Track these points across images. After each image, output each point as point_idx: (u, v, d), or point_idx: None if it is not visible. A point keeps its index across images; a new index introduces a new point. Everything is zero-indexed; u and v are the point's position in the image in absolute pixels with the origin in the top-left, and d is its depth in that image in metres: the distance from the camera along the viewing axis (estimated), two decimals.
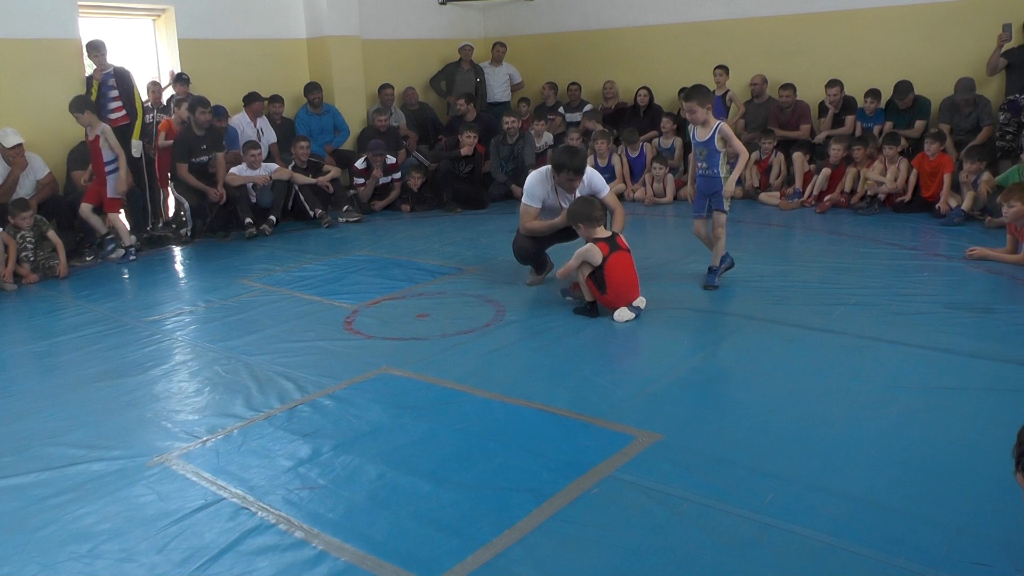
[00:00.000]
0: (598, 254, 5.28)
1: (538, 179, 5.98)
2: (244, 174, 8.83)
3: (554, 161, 5.81)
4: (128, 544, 3.02)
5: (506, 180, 10.12)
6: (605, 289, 5.33)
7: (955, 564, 2.64)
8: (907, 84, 8.98)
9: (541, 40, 12.44)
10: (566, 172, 5.71)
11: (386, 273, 6.93)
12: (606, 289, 5.33)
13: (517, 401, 4.16)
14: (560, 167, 5.73)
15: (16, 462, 3.75)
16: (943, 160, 8.08)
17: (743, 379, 4.39)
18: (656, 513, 3.04)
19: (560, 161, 5.75)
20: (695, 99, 5.69)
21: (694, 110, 5.68)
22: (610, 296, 5.35)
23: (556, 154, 5.88)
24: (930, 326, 4.95)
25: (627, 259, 5.43)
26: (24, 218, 7.14)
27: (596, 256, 5.28)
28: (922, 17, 9.29)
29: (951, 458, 3.36)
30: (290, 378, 4.60)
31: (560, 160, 5.75)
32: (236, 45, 10.04)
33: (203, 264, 7.74)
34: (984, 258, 6.34)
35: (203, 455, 3.74)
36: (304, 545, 2.96)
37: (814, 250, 7.29)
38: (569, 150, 5.90)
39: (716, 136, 5.67)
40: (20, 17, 7.98)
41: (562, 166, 5.72)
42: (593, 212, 5.43)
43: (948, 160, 8.11)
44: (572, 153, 5.80)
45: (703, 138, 5.73)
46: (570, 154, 5.78)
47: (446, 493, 3.27)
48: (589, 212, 5.43)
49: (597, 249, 5.29)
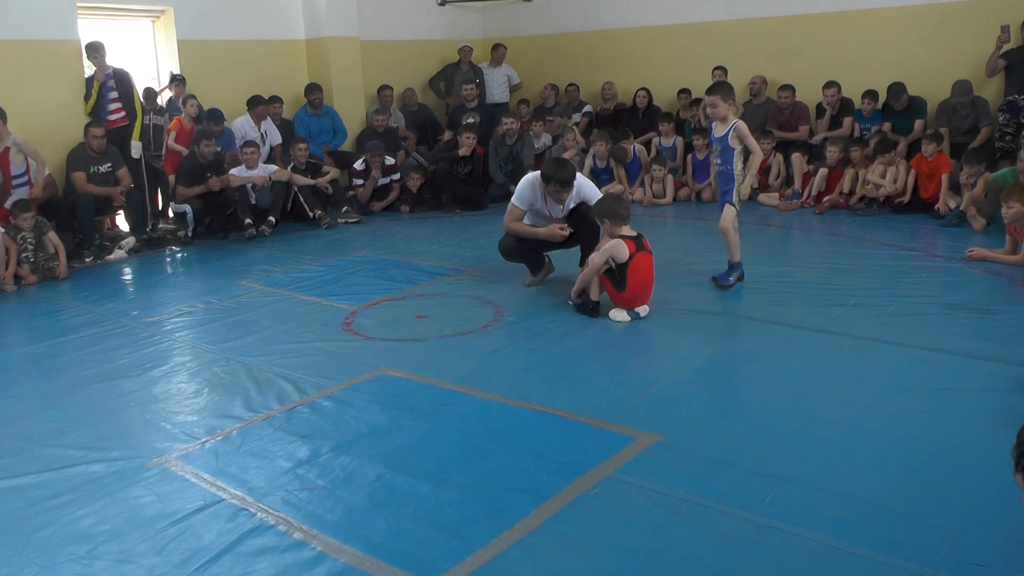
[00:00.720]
0: (625, 251, 5.25)
1: (529, 184, 6.04)
2: (243, 175, 8.82)
3: (543, 172, 5.89)
4: (127, 545, 3.02)
5: (505, 181, 10.11)
6: (624, 287, 5.30)
7: (954, 565, 2.64)
8: (900, 85, 8.98)
9: (540, 41, 12.44)
10: (553, 184, 5.77)
11: (385, 274, 6.93)
12: (625, 288, 5.30)
13: (516, 402, 4.16)
14: (548, 178, 5.80)
15: (15, 463, 3.75)
16: (941, 160, 8.09)
17: (742, 380, 4.39)
18: (655, 514, 3.04)
19: (547, 172, 5.83)
20: (719, 93, 5.68)
21: (716, 104, 5.65)
22: (627, 295, 5.33)
23: (545, 165, 5.98)
24: (929, 327, 4.96)
25: (650, 261, 5.43)
26: (25, 219, 7.13)
27: (623, 252, 5.25)
28: (920, 18, 9.30)
29: (950, 459, 3.37)
30: (289, 379, 4.60)
31: (548, 172, 5.84)
32: (235, 46, 10.04)
33: (202, 265, 7.74)
34: (983, 259, 6.35)
35: (202, 456, 3.74)
36: (303, 546, 2.96)
37: (813, 251, 7.30)
38: (558, 162, 5.97)
39: (731, 133, 5.67)
40: (19, 18, 7.97)
41: (549, 178, 5.80)
42: (620, 209, 5.41)
43: (945, 160, 8.12)
44: (560, 165, 5.87)
45: (719, 134, 5.74)
46: (558, 166, 5.86)
47: (445, 494, 3.27)
48: (616, 209, 5.41)
49: (624, 245, 5.26)
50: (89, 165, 8.07)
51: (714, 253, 6.99)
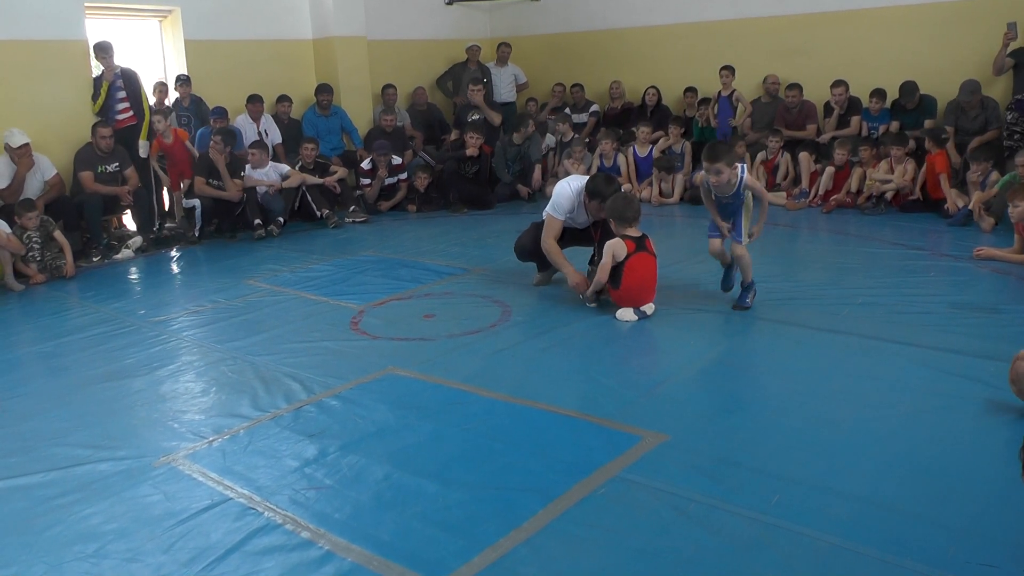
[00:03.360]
0: (623, 249, 5.32)
1: (569, 193, 5.89)
2: (257, 176, 8.80)
3: (590, 189, 5.76)
4: (134, 544, 3.03)
5: (512, 181, 10.12)
6: (618, 285, 5.35)
7: (961, 565, 2.64)
8: (912, 84, 8.95)
9: (547, 40, 12.43)
10: (598, 200, 5.69)
11: (392, 273, 6.93)
12: (619, 285, 5.35)
13: (523, 401, 4.16)
14: (594, 195, 5.71)
15: (23, 462, 3.76)
16: (939, 159, 8.07)
17: (749, 379, 4.39)
18: (662, 514, 3.04)
19: (597, 190, 5.69)
20: (723, 159, 5.15)
21: (722, 171, 5.15)
22: (621, 293, 5.37)
23: (595, 183, 5.77)
24: (937, 326, 4.94)
25: (649, 262, 5.45)
26: (30, 218, 7.15)
27: (621, 251, 5.33)
28: (928, 17, 9.26)
29: (958, 459, 3.36)
30: (296, 378, 4.60)
31: (597, 190, 5.69)
32: (242, 46, 10.06)
33: (210, 264, 7.75)
34: (991, 258, 6.32)
35: (209, 455, 3.74)
36: (311, 545, 2.96)
37: (820, 250, 7.29)
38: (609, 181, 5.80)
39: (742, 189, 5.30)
40: (27, 18, 8.00)
41: (596, 194, 5.70)
42: (627, 212, 5.43)
43: (943, 159, 8.09)
44: (621, 200, 5.54)
45: (727, 192, 5.32)
46: (607, 183, 5.73)
47: (452, 493, 3.27)
48: (623, 211, 5.43)
49: (623, 245, 5.34)
50: (97, 165, 8.10)
51: None
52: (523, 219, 6.16)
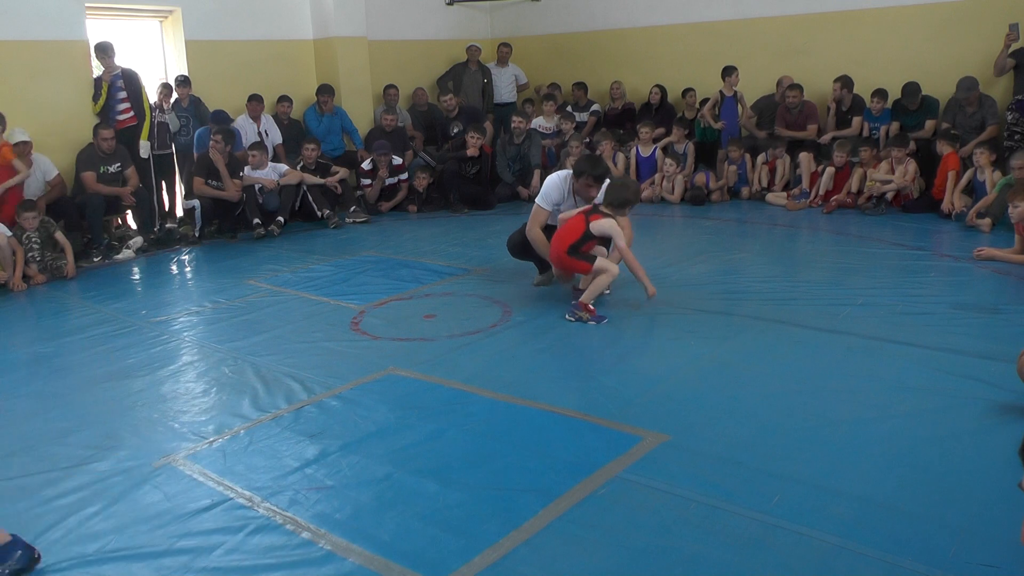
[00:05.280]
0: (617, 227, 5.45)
1: (555, 183, 5.93)
2: (254, 175, 8.82)
3: (575, 167, 5.84)
4: (135, 544, 3.03)
5: (513, 181, 10.12)
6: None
7: (963, 565, 2.64)
8: (915, 85, 8.95)
9: (548, 41, 12.43)
10: (586, 178, 5.70)
11: (393, 274, 6.94)
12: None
13: (524, 401, 4.16)
14: (581, 173, 5.74)
15: (24, 462, 3.76)
16: (952, 158, 8.08)
17: (750, 380, 4.38)
18: (663, 514, 3.04)
19: (581, 167, 5.77)
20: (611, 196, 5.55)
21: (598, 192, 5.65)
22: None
23: (578, 161, 5.94)
24: (937, 327, 4.94)
25: (572, 224, 5.54)
26: (28, 219, 7.14)
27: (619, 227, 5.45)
28: (928, 17, 9.26)
29: (959, 459, 3.36)
30: (297, 379, 4.61)
31: (581, 167, 5.77)
32: (243, 46, 10.05)
33: (210, 265, 7.75)
34: (992, 258, 6.32)
35: (210, 455, 3.75)
36: (311, 545, 2.96)
37: (821, 251, 7.29)
38: (591, 158, 5.99)
39: None
40: (28, 18, 8.01)
41: (582, 172, 5.73)
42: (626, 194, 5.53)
43: (955, 158, 8.11)
44: (594, 161, 5.86)
45: None
46: (592, 162, 5.83)
47: (453, 493, 3.27)
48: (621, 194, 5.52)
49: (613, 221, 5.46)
50: (99, 165, 8.11)
51: (722, 253, 7.00)
52: (523, 220, 6.15)
